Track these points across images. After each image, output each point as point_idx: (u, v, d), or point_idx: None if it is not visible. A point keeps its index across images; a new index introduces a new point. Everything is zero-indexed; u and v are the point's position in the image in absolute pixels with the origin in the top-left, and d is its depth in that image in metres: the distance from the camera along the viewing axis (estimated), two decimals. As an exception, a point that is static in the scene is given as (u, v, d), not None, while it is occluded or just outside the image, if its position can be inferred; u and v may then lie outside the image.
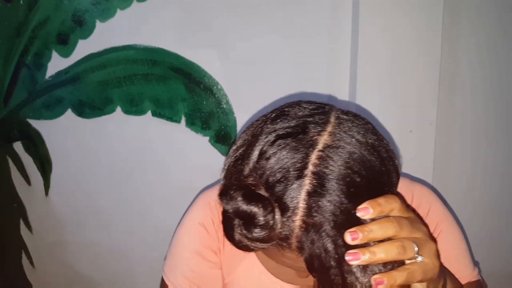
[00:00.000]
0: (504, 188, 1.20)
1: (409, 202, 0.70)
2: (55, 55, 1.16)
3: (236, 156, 0.50)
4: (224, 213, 0.48)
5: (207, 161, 1.19)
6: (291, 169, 0.45)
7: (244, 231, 0.45)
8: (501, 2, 1.09)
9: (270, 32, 1.10)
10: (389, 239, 0.44)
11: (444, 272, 0.51)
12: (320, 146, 0.46)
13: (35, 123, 1.22)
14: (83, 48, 1.14)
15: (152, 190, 1.25)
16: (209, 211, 0.70)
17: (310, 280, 0.68)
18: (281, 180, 0.45)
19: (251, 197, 0.45)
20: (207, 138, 1.19)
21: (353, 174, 0.45)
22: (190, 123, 1.18)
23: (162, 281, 0.73)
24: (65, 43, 1.15)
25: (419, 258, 0.44)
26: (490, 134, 1.17)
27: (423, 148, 1.09)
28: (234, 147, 0.52)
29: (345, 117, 0.49)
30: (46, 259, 1.35)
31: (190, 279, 0.70)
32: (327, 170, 0.44)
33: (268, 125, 0.49)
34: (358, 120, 0.50)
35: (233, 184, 0.47)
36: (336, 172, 0.44)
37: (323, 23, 1.09)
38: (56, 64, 1.16)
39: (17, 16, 1.14)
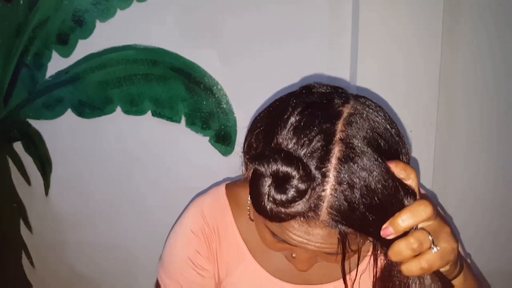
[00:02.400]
0: (504, 188, 1.20)
1: None
2: (55, 55, 1.16)
3: (264, 125, 0.52)
4: (255, 180, 0.47)
5: (207, 161, 1.19)
6: (320, 138, 0.46)
7: (278, 195, 0.45)
8: (501, 2, 1.09)
9: (270, 32, 1.10)
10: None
11: (460, 253, 0.53)
12: (345, 115, 0.48)
13: (35, 123, 1.22)
14: (83, 48, 1.14)
15: (152, 190, 1.25)
16: (201, 219, 0.71)
17: (311, 276, 0.68)
18: (312, 148, 0.46)
19: (291, 159, 0.45)
20: (207, 138, 1.19)
21: (379, 138, 0.47)
22: (190, 123, 1.18)
23: (157, 282, 0.74)
24: (65, 43, 1.15)
25: (435, 249, 0.45)
26: (490, 134, 1.17)
27: (423, 148, 1.09)
28: (257, 119, 0.54)
29: (362, 97, 0.53)
30: (46, 259, 1.35)
31: (182, 284, 0.71)
32: (354, 136, 0.46)
33: (294, 99, 0.51)
34: (373, 101, 0.53)
35: (269, 149, 0.48)
36: (363, 136, 0.47)
37: (323, 23, 1.09)
38: (56, 64, 1.16)
39: (17, 16, 1.14)
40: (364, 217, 0.45)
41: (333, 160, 0.45)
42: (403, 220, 0.45)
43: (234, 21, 1.11)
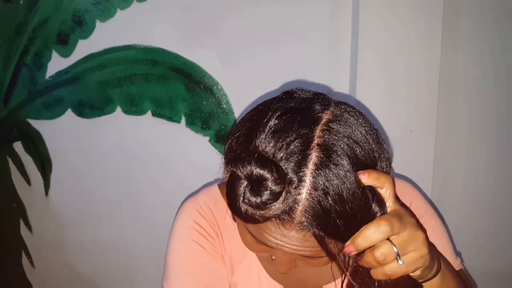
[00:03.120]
0: (504, 188, 1.20)
1: None
2: (55, 55, 1.16)
3: (245, 129, 0.53)
4: (231, 182, 0.48)
5: (207, 161, 1.19)
6: (298, 143, 0.47)
7: (253, 197, 0.46)
8: (501, 2, 1.09)
9: (270, 32, 1.10)
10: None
11: (438, 256, 0.55)
12: (324, 121, 0.49)
13: (35, 123, 1.22)
14: (83, 48, 1.14)
15: (152, 190, 1.25)
16: (199, 215, 0.69)
17: (304, 277, 0.68)
18: (289, 152, 0.47)
19: (265, 162, 0.46)
20: (207, 138, 1.19)
21: (355, 145, 0.48)
22: (190, 123, 1.18)
23: None
24: (65, 43, 1.15)
25: (400, 262, 0.48)
26: (490, 134, 1.17)
27: (423, 148, 1.09)
28: (240, 122, 0.54)
29: (342, 103, 0.54)
30: (46, 259, 1.35)
31: (195, 278, 0.67)
32: (331, 143, 0.47)
33: (275, 104, 0.52)
34: (354, 107, 0.54)
35: (246, 152, 0.49)
36: (340, 144, 0.47)
37: (323, 23, 1.09)
38: (56, 64, 1.16)
39: (17, 16, 1.14)
40: (336, 223, 0.46)
41: (310, 165, 0.46)
42: (362, 239, 0.47)
43: (234, 21, 1.11)
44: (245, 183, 0.46)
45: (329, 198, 0.46)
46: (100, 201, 1.27)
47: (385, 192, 0.49)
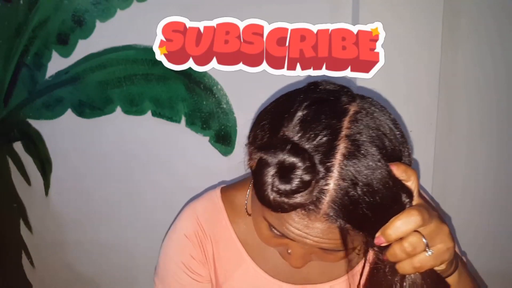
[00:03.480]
0: (504, 188, 1.20)
1: None
2: (55, 55, 1.16)
3: (270, 118, 0.52)
4: (260, 169, 0.47)
5: (207, 161, 1.19)
6: (326, 133, 0.47)
7: (282, 185, 0.45)
8: (501, 2, 1.09)
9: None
10: None
11: (455, 252, 0.54)
12: (351, 112, 0.49)
13: (35, 123, 1.22)
14: (83, 48, 1.14)
15: (152, 190, 1.25)
16: (195, 223, 0.70)
17: (308, 275, 0.68)
18: (317, 143, 0.47)
19: (298, 150, 0.46)
20: (207, 138, 1.19)
21: (384, 137, 0.48)
22: (190, 123, 1.18)
23: None
24: (65, 43, 1.15)
25: (429, 252, 0.47)
26: (490, 134, 1.17)
27: (423, 148, 1.09)
28: (263, 112, 0.54)
29: (367, 97, 0.54)
30: (46, 259, 1.35)
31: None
32: (360, 134, 0.47)
33: (302, 94, 0.52)
34: (378, 102, 0.54)
35: (276, 139, 0.48)
36: (368, 134, 0.47)
37: (323, 22, 1.09)
38: (56, 64, 1.16)
39: (17, 16, 1.14)
40: (364, 214, 0.46)
41: (338, 156, 0.46)
42: (393, 230, 0.46)
43: (234, 21, 1.10)
44: (275, 170, 0.46)
45: (358, 189, 0.45)
46: (100, 201, 1.27)
47: (411, 185, 0.49)
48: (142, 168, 1.23)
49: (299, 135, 0.48)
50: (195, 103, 1.17)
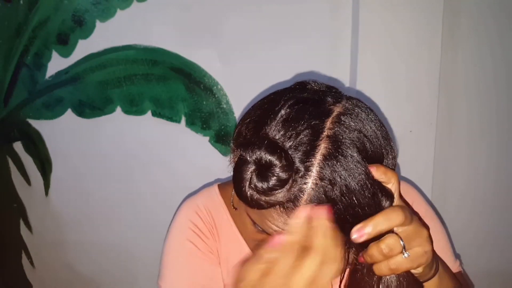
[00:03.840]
0: (504, 188, 1.20)
1: None
2: (55, 55, 1.16)
3: (256, 116, 0.53)
4: (239, 166, 0.48)
5: (207, 161, 1.19)
6: (308, 133, 0.47)
7: (259, 183, 0.46)
8: (501, 2, 1.09)
9: (271, 33, 1.10)
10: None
11: (436, 256, 0.54)
12: (335, 113, 0.49)
13: (35, 123, 1.22)
14: (83, 48, 1.14)
15: (152, 190, 1.25)
16: (197, 217, 0.69)
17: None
18: (298, 142, 0.47)
19: (275, 148, 0.46)
20: (207, 138, 1.19)
21: (365, 140, 0.48)
22: (190, 123, 1.18)
23: None
24: (65, 43, 1.15)
25: (405, 255, 0.47)
26: (490, 134, 1.17)
27: (423, 148, 1.09)
28: (250, 109, 0.55)
29: (354, 98, 0.54)
30: (46, 259, 1.35)
31: (190, 278, 0.67)
32: (341, 135, 0.47)
33: (288, 93, 0.53)
34: (364, 103, 0.54)
35: (256, 137, 0.49)
36: (350, 136, 0.47)
37: (323, 23, 1.09)
38: (56, 64, 1.16)
39: (17, 16, 1.14)
40: (341, 214, 0.46)
41: (318, 156, 0.46)
42: (375, 225, 0.46)
43: (234, 21, 1.11)
44: (253, 167, 0.47)
45: (336, 189, 0.46)
46: (100, 201, 1.27)
47: (391, 188, 0.49)
48: (142, 168, 1.23)
49: (280, 133, 0.48)
50: (195, 103, 1.17)
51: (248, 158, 0.47)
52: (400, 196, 0.51)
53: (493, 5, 1.08)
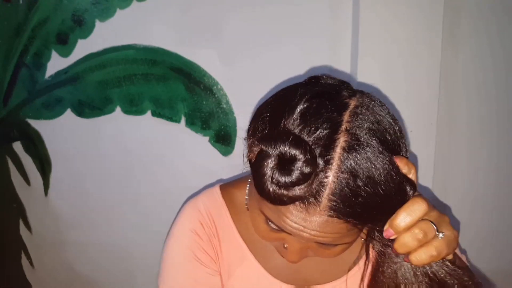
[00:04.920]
0: (504, 188, 1.20)
1: None
2: (54, 55, 1.16)
3: (271, 111, 0.52)
4: (260, 161, 0.47)
5: (207, 161, 1.19)
6: (326, 127, 0.47)
7: (282, 177, 0.45)
8: (501, 2, 1.09)
9: (270, 32, 1.10)
10: None
11: None
12: (352, 107, 0.49)
13: (35, 123, 1.22)
14: (83, 48, 1.14)
15: (152, 190, 1.24)
16: (198, 219, 0.69)
17: (310, 276, 0.68)
18: (317, 136, 0.47)
19: (299, 142, 0.46)
20: (207, 138, 1.19)
21: (384, 131, 0.49)
22: (190, 123, 1.18)
23: None
24: (64, 43, 1.15)
25: (441, 235, 0.47)
26: (491, 134, 1.17)
27: (423, 148, 1.09)
28: (263, 105, 0.54)
29: (367, 93, 0.54)
30: (46, 259, 1.35)
31: (191, 283, 0.67)
32: (360, 127, 0.47)
33: (303, 87, 0.52)
34: (377, 98, 0.54)
35: (277, 131, 0.49)
36: (369, 128, 0.48)
37: (323, 23, 1.09)
38: (56, 64, 1.16)
39: (16, 16, 1.14)
40: (366, 206, 0.46)
41: (338, 149, 0.46)
42: (401, 220, 0.46)
43: (234, 21, 1.10)
44: (275, 162, 0.46)
45: (358, 181, 0.46)
46: (99, 201, 1.26)
47: (412, 178, 0.50)
48: (141, 168, 1.23)
49: (299, 127, 0.48)
50: (195, 103, 1.17)
51: (271, 153, 0.46)
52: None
53: (493, 5, 1.08)
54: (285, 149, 0.45)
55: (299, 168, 0.45)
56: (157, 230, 1.27)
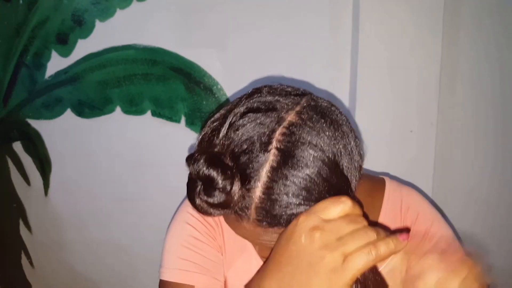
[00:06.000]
0: (504, 188, 1.20)
1: (398, 206, 0.70)
2: (54, 55, 1.16)
3: (211, 127, 0.53)
4: (188, 179, 0.50)
5: (207, 161, 1.19)
6: (256, 143, 0.46)
7: (204, 196, 0.47)
8: (501, 2, 1.09)
9: (270, 33, 1.10)
10: None
11: None
12: (286, 123, 0.47)
13: (35, 123, 1.22)
14: (83, 47, 1.14)
15: (151, 190, 1.24)
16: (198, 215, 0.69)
17: None
18: (246, 151, 0.46)
19: (213, 162, 0.46)
20: (207, 138, 1.19)
21: (315, 149, 0.47)
22: (190, 123, 1.18)
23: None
24: (64, 43, 1.15)
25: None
26: (491, 134, 1.17)
27: (423, 148, 1.09)
28: (210, 120, 0.54)
29: (318, 103, 0.51)
30: (46, 259, 1.35)
31: (192, 266, 0.67)
32: (290, 145, 0.46)
33: (243, 100, 0.52)
34: (332, 108, 0.51)
35: (200, 151, 0.50)
36: (299, 147, 0.46)
37: (323, 22, 1.09)
38: (56, 64, 1.16)
39: (16, 16, 1.14)
40: (291, 216, 0.46)
41: (266, 166, 0.46)
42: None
43: (234, 21, 1.10)
44: (198, 182, 0.48)
45: (281, 195, 0.45)
46: (99, 201, 1.26)
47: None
48: (141, 168, 1.23)
49: (226, 144, 0.48)
50: (195, 103, 1.16)
51: (192, 174, 0.48)
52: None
53: (494, 5, 1.08)
54: (200, 169, 0.46)
55: (218, 187, 0.46)
56: (157, 229, 1.27)
